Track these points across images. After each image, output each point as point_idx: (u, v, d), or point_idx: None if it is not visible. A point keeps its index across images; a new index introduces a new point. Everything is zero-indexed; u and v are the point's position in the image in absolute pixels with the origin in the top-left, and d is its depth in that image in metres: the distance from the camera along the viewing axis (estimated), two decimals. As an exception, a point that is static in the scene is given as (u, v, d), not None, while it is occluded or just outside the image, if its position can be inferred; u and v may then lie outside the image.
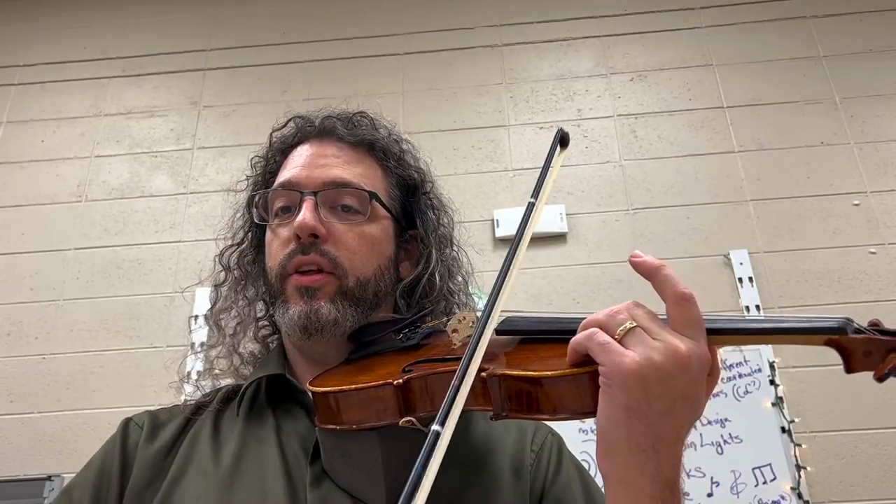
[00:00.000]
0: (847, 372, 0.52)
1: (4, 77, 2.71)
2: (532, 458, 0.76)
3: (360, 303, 0.76)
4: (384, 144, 0.85)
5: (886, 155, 2.34)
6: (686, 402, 0.52)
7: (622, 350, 0.51)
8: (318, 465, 0.69)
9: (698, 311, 0.54)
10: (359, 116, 0.87)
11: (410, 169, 0.87)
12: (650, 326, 0.53)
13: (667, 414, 0.51)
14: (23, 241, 2.43)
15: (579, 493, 0.74)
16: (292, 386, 0.77)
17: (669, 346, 0.51)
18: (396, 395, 0.62)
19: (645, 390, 0.50)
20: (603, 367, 0.52)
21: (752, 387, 1.98)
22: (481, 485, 0.71)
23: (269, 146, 0.88)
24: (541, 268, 2.24)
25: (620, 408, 0.51)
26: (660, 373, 0.50)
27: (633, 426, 0.51)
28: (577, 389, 0.55)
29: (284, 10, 2.78)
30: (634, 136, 2.45)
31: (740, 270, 2.17)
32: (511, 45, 2.65)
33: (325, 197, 0.77)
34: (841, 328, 0.51)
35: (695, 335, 0.53)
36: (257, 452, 0.72)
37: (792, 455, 1.89)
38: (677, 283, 0.54)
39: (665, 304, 0.55)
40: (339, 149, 0.82)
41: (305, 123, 0.85)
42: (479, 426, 0.78)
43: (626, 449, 0.52)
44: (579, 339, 0.54)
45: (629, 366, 0.50)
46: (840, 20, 2.57)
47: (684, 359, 0.51)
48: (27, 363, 2.23)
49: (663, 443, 0.52)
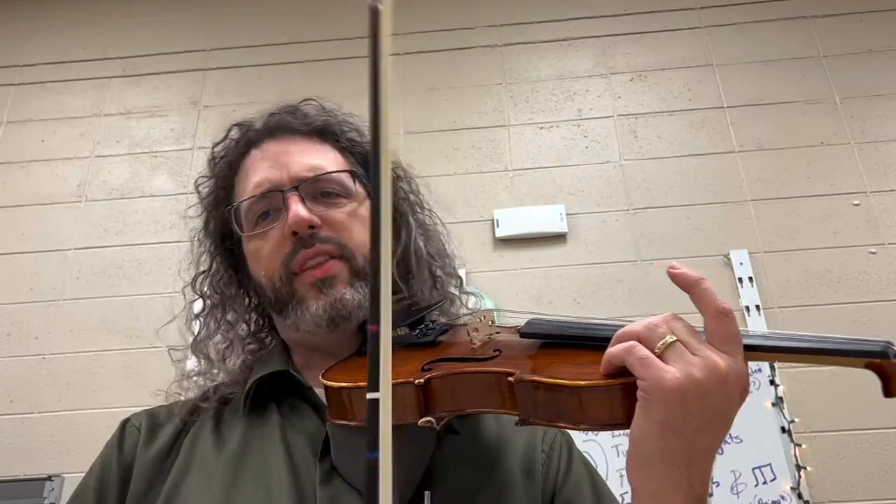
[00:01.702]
0: (886, 396, 0.53)
1: (4, 77, 2.71)
2: (543, 457, 0.76)
3: None
4: (335, 126, 0.84)
5: (886, 155, 2.34)
6: (721, 417, 0.52)
7: (662, 366, 0.51)
8: (328, 461, 0.68)
9: (737, 327, 0.54)
10: (305, 104, 0.87)
11: (365, 144, 0.85)
12: (689, 341, 0.53)
13: (703, 430, 0.51)
14: (23, 241, 2.43)
15: (589, 493, 0.74)
16: (297, 382, 0.75)
17: (709, 363, 0.51)
18: (417, 395, 0.61)
19: (684, 407, 0.50)
20: (642, 381, 0.51)
21: (752, 387, 1.97)
22: (494, 485, 0.71)
23: (214, 162, 0.86)
24: (541, 268, 2.24)
25: (657, 423, 0.51)
26: (699, 389, 0.50)
27: (670, 441, 0.51)
28: (610, 401, 0.54)
29: (284, 10, 2.78)
30: (634, 136, 2.45)
31: (740, 270, 2.17)
32: (511, 45, 2.65)
33: (306, 189, 0.76)
34: (883, 352, 0.51)
35: (733, 351, 0.53)
36: (261, 451, 0.71)
37: (792, 455, 1.89)
38: (717, 298, 0.54)
39: (703, 318, 0.55)
40: (296, 142, 0.81)
41: (248, 128, 0.84)
42: (490, 426, 0.77)
43: (659, 464, 0.51)
44: (617, 351, 0.53)
45: (670, 382, 0.50)
46: (840, 20, 2.57)
47: (723, 375, 0.51)
48: (27, 363, 2.23)
49: (696, 459, 0.52)
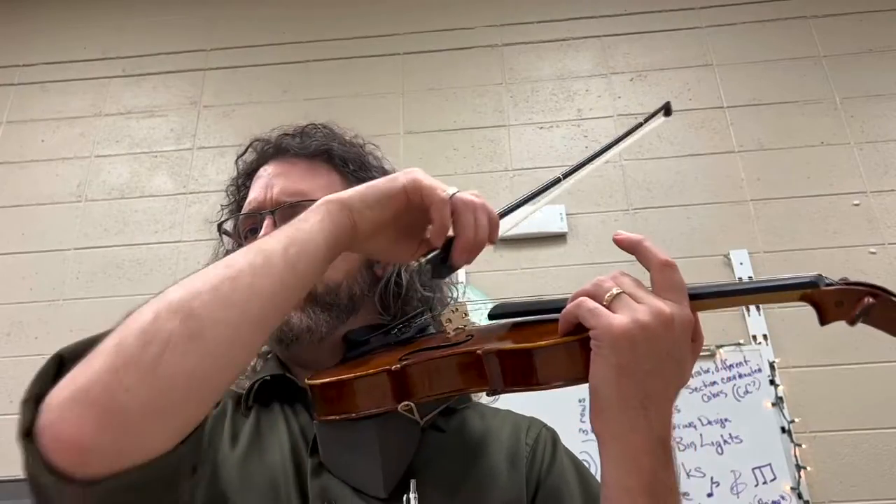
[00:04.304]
0: (821, 324, 0.59)
1: (4, 77, 2.72)
2: (527, 451, 0.77)
3: (334, 307, 0.78)
4: (341, 152, 0.86)
5: (886, 155, 2.34)
6: (671, 360, 0.56)
7: (610, 314, 0.56)
8: (317, 457, 0.70)
9: (680, 277, 0.59)
10: (312, 128, 0.89)
11: (372, 171, 0.87)
12: (635, 292, 0.57)
13: (654, 371, 0.55)
14: (23, 241, 2.43)
15: (575, 482, 0.74)
16: (293, 384, 0.78)
17: (653, 308, 0.55)
18: (393, 381, 0.64)
19: (633, 349, 0.54)
20: (594, 330, 0.56)
21: (752, 387, 1.98)
22: (478, 474, 0.73)
23: (237, 173, 0.91)
24: (541, 268, 2.24)
25: (611, 367, 0.55)
26: (646, 332, 0.54)
27: (624, 384, 0.55)
28: (570, 357, 0.58)
29: (284, 10, 2.78)
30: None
31: (740, 270, 2.17)
32: (511, 45, 2.65)
33: (283, 214, 0.78)
34: (814, 283, 0.58)
35: (678, 298, 0.58)
36: (269, 439, 0.73)
37: (792, 455, 1.89)
38: (659, 252, 0.59)
39: (650, 273, 0.59)
40: (293, 164, 0.84)
41: (264, 145, 0.88)
42: (475, 421, 0.79)
43: (617, 406, 0.56)
44: (569, 308, 0.59)
45: (618, 327, 0.54)
46: (840, 20, 2.57)
47: (668, 319, 0.55)
48: (27, 363, 2.23)
49: (652, 400, 0.56)
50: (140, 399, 0.46)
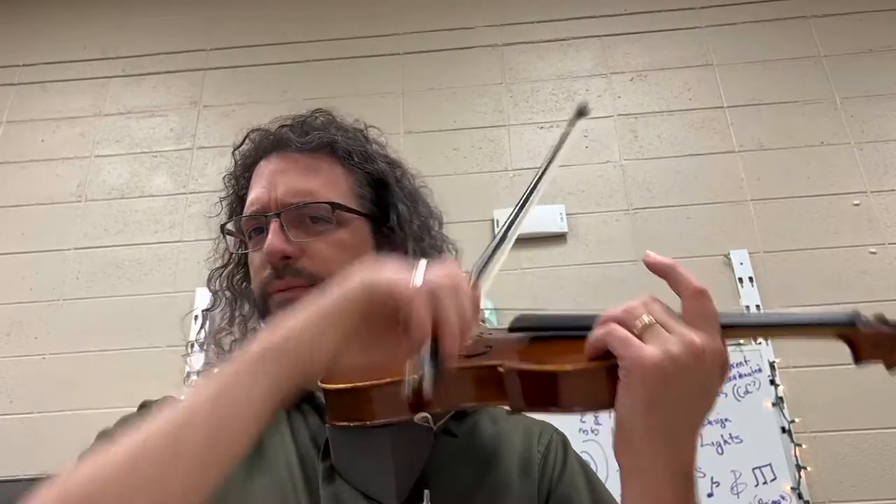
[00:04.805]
0: (856, 363, 0.56)
1: (4, 77, 2.71)
2: (539, 457, 0.76)
3: None
4: (344, 144, 0.83)
5: (886, 155, 2.34)
6: (701, 392, 0.55)
7: (641, 345, 0.54)
8: (329, 461, 0.69)
9: (713, 306, 0.56)
10: (313, 118, 0.85)
11: (377, 162, 0.84)
12: (666, 321, 0.55)
13: (683, 403, 0.54)
14: (23, 241, 2.43)
15: (584, 490, 0.74)
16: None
17: (685, 340, 0.54)
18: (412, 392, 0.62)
19: (664, 383, 0.53)
20: (623, 361, 0.54)
21: (752, 387, 1.98)
22: (492, 483, 0.72)
23: (235, 164, 0.88)
24: (541, 268, 2.24)
25: (640, 400, 0.53)
26: (677, 365, 0.53)
27: (652, 418, 0.53)
28: (595, 384, 0.56)
29: (284, 11, 2.77)
30: (634, 136, 2.45)
31: (740, 270, 2.17)
32: (511, 45, 2.65)
33: (288, 216, 0.76)
34: (850, 322, 0.55)
35: (709, 328, 0.55)
36: (272, 444, 0.71)
37: (792, 455, 1.89)
38: (692, 279, 0.57)
39: (681, 300, 0.57)
40: (295, 160, 0.80)
41: (262, 136, 0.85)
42: (487, 426, 0.78)
43: (644, 440, 0.54)
44: (598, 334, 0.56)
45: (649, 360, 0.53)
46: (840, 20, 2.57)
47: (699, 351, 0.53)
48: (27, 363, 2.23)
49: (679, 432, 0.55)
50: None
